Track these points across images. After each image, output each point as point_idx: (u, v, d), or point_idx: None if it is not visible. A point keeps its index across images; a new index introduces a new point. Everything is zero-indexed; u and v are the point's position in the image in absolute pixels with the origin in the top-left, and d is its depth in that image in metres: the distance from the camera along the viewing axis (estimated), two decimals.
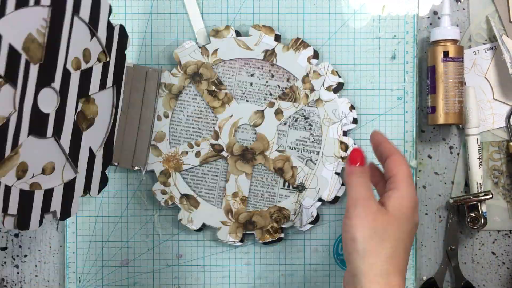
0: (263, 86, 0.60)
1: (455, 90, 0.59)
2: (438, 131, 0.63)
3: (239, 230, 0.60)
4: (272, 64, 0.60)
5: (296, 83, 0.60)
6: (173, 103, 0.60)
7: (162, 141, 0.60)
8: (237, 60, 0.60)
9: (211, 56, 0.59)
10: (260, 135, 0.60)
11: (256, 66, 0.60)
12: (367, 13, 0.61)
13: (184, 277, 0.62)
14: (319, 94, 0.59)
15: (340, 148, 0.59)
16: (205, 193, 0.60)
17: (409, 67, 0.61)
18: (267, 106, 0.60)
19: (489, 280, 0.64)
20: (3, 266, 0.62)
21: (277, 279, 0.62)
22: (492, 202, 0.62)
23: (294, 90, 0.60)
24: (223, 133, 0.60)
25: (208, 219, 0.60)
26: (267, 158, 0.60)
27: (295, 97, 0.59)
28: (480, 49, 0.62)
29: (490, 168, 0.63)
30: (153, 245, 0.61)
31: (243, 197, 0.60)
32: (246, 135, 0.60)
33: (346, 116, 0.59)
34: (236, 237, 0.60)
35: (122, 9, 0.60)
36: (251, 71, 0.60)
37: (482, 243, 0.63)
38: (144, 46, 0.60)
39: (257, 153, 0.60)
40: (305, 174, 0.60)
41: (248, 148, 0.60)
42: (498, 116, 0.63)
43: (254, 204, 0.60)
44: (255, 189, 0.60)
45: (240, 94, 0.60)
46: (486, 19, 0.62)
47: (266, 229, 0.60)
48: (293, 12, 0.61)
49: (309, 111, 0.60)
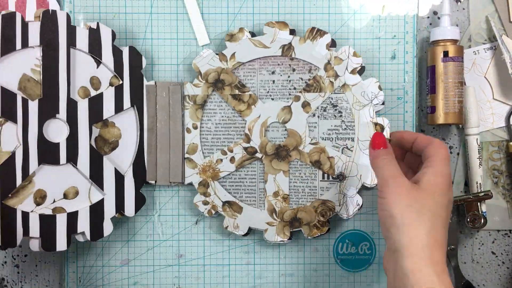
0: (285, 82, 0.60)
1: (455, 90, 0.59)
2: (438, 131, 0.63)
3: (286, 229, 0.59)
4: (291, 59, 0.59)
5: (319, 73, 0.59)
6: (200, 114, 0.59)
7: (195, 153, 0.59)
8: (256, 60, 0.59)
9: (229, 61, 0.59)
10: (291, 130, 0.59)
11: (275, 63, 0.60)
12: (367, 13, 0.61)
13: (184, 277, 0.62)
14: (344, 79, 0.59)
15: (375, 130, 0.59)
16: (246, 197, 0.60)
17: (409, 67, 0.61)
18: (293, 100, 0.59)
19: (489, 279, 0.64)
20: (3, 266, 0.62)
21: (277, 279, 0.62)
22: (492, 202, 0.62)
23: (318, 79, 0.59)
24: (254, 134, 0.60)
25: (254, 223, 0.59)
26: (302, 153, 0.59)
27: (320, 86, 0.59)
28: (480, 49, 0.62)
29: (490, 168, 0.63)
30: (153, 245, 0.61)
31: (285, 195, 0.59)
32: (277, 133, 0.60)
33: (377, 96, 0.58)
34: (284, 236, 0.59)
35: (122, 9, 0.60)
36: (271, 69, 0.60)
37: (482, 242, 0.63)
38: (144, 46, 0.60)
39: (291, 149, 0.59)
40: (344, 163, 0.59)
41: (281, 146, 0.59)
42: (498, 116, 0.63)
43: (296, 201, 0.60)
44: (295, 185, 0.60)
45: (264, 94, 0.60)
46: (486, 19, 0.62)
47: (313, 224, 0.59)
48: (293, 12, 0.61)
49: (337, 98, 0.59)
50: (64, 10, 0.59)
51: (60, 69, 0.55)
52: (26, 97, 0.53)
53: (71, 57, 0.55)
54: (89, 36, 0.56)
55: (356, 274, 0.62)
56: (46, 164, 0.55)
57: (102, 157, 0.57)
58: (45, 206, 0.55)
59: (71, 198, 0.56)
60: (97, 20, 0.60)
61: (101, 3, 0.60)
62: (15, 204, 0.55)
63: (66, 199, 0.56)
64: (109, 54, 0.56)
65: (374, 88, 0.58)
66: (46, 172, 0.55)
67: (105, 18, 0.60)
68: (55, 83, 0.54)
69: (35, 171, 0.55)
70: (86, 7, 0.60)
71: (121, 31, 0.60)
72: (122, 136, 0.58)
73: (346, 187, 0.59)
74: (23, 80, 0.54)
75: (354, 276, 0.62)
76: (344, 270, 0.62)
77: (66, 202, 0.56)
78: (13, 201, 0.55)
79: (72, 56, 0.56)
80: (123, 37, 0.60)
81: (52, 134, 0.55)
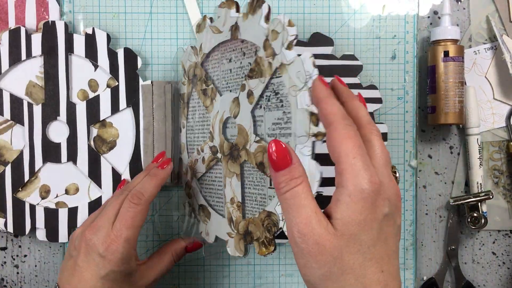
0: (238, 69, 0.48)
1: (455, 90, 0.59)
2: (438, 131, 0.63)
3: (241, 242, 0.47)
4: (242, 41, 0.47)
5: (259, 53, 0.45)
6: (186, 112, 0.57)
7: (184, 152, 0.58)
8: (218, 49, 0.51)
9: (199, 54, 0.54)
10: (239, 126, 0.48)
11: (231, 49, 0.49)
12: (367, 13, 0.61)
13: (184, 277, 0.62)
14: (280, 58, 0.42)
15: (311, 122, 0.39)
16: (216, 201, 0.52)
17: (409, 67, 0.61)
18: (240, 90, 0.48)
19: (489, 280, 0.64)
20: (3, 266, 0.62)
21: (277, 279, 0.62)
22: (492, 202, 0.62)
23: (259, 62, 0.45)
24: (215, 132, 0.52)
25: (218, 231, 0.51)
26: (249, 153, 0.46)
27: (261, 70, 0.45)
28: (480, 48, 0.62)
29: (491, 168, 0.63)
30: (153, 245, 0.61)
31: (238, 203, 0.48)
32: (234, 130, 0.49)
33: (312, 75, 0.39)
34: (240, 251, 0.47)
35: (122, 9, 0.60)
36: (228, 56, 0.50)
37: (482, 243, 0.63)
38: (144, 46, 0.60)
39: (240, 149, 0.48)
40: None
41: (233, 145, 0.49)
42: (498, 116, 0.63)
43: (251, 210, 0.47)
44: (249, 191, 0.47)
45: (225, 85, 0.51)
46: (486, 19, 0.62)
47: (262, 241, 0.44)
48: (293, 12, 0.61)
49: (278, 83, 0.43)
50: (64, 10, 0.60)
51: (60, 75, 0.58)
52: (32, 102, 0.58)
53: (70, 62, 0.58)
54: (85, 41, 0.58)
55: None
56: (49, 162, 0.59)
57: (100, 157, 0.59)
58: (49, 200, 0.59)
59: (72, 194, 0.59)
60: (96, 19, 0.60)
61: (101, 3, 0.60)
62: (24, 196, 0.59)
63: (68, 195, 0.59)
64: (104, 57, 0.58)
65: (309, 66, 0.39)
66: (50, 169, 0.59)
67: (105, 18, 0.60)
68: (56, 88, 0.58)
69: (40, 168, 0.59)
70: (86, 7, 0.60)
71: (121, 31, 0.60)
72: (120, 136, 0.59)
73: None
74: (29, 86, 0.59)
75: None
76: None
77: (68, 197, 0.59)
78: (22, 194, 0.59)
79: (70, 61, 0.58)
80: (123, 37, 0.60)
81: (54, 135, 0.59)
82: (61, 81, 0.58)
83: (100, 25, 0.60)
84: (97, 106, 0.58)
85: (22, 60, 0.58)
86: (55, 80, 0.58)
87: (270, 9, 0.44)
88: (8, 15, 0.59)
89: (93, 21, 0.60)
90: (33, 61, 0.58)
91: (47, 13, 0.59)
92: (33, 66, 0.58)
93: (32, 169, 0.58)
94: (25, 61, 0.58)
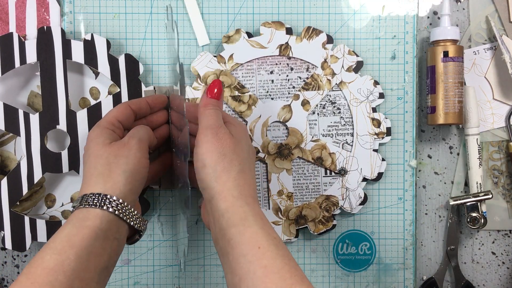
0: (284, 81, 0.61)
1: (455, 90, 0.59)
2: (438, 131, 0.63)
3: (292, 227, 0.60)
4: (289, 58, 0.60)
5: (316, 71, 0.60)
6: None
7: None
8: (253, 61, 0.60)
9: (228, 63, 0.60)
10: (292, 129, 0.61)
11: (273, 63, 0.60)
12: (367, 13, 0.61)
13: (184, 277, 0.62)
14: (341, 77, 0.60)
15: (372, 125, 0.60)
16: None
17: (409, 67, 0.61)
18: (293, 99, 0.60)
19: (489, 280, 0.64)
20: (3, 266, 0.62)
21: None
22: (492, 202, 0.62)
23: (316, 78, 0.60)
24: (256, 134, 0.60)
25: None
26: (304, 150, 0.61)
27: (318, 84, 0.60)
28: (480, 49, 0.62)
29: (490, 168, 0.63)
30: (153, 245, 0.61)
31: (289, 193, 0.61)
32: (278, 132, 0.61)
33: (372, 92, 0.60)
34: (290, 234, 0.60)
35: (122, 9, 0.60)
36: (269, 68, 0.60)
37: (482, 243, 0.63)
38: (144, 46, 0.60)
39: (293, 148, 0.60)
40: (344, 158, 0.60)
41: (283, 145, 0.60)
42: (498, 116, 0.63)
43: (301, 198, 0.61)
44: (299, 183, 0.61)
45: (264, 93, 0.61)
46: (486, 19, 0.62)
47: (319, 220, 0.60)
48: (293, 12, 0.61)
49: (335, 95, 0.61)
50: (64, 10, 0.59)
51: (58, 82, 0.56)
52: (34, 112, 0.57)
53: (69, 70, 0.57)
54: (84, 48, 0.57)
55: (356, 274, 0.62)
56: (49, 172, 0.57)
57: None
58: (54, 209, 0.60)
59: None
60: (97, 20, 0.60)
61: (101, 3, 0.60)
62: (29, 207, 0.59)
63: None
64: (105, 64, 0.57)
65: (369, 85, 0.60)
66: (53, 179, 0.59)
67: (105, 18, 0.60)
68: (54, 96, 0.56)
69: (44, 177, 0.58)
70: (86, 7, 0.60)
71: (121, 31, 0.60)
72: None
73: (348, 181, 0.60)
74: (31, 96, 0.58)
75: (354, 276, 0.62)
76: (344, 270, 0.62)
77: None
78: (27, 204, 0.59)
79: (69, 68, 0.57)
80: (123, 37, 0.60)
81: (54, 144, 0.58)
82: (59, 89, 0.56)
83: (100, 25, 0.60)
84: (99, 113, 0.57)
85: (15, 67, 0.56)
86: (52, 88, 0.56)
87: (329, 38, 0.60)
88: (9, 16, 0.59)
89: (93, 21, 0.60)
90: (28, 68, 0.57)
91: (47, 14, 0.59)
92: (29, 74, 0.57)
93: (30, 180, 0.56)
94: (18, 69, 0.56)
